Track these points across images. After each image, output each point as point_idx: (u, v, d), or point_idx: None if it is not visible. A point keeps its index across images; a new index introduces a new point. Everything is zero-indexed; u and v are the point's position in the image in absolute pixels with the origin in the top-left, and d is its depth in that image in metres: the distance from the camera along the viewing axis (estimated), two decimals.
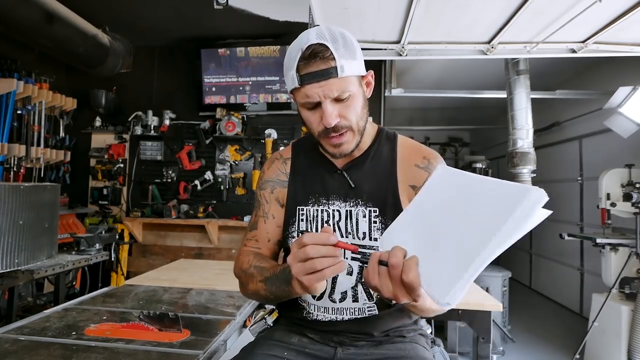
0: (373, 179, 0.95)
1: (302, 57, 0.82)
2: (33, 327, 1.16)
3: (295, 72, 0.84)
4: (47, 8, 2.84)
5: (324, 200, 0.96)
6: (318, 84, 0.82)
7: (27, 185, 1.95)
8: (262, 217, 1.02)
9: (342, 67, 0.82)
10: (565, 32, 2.15)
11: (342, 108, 0.85)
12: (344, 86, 0.83)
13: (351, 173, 0.96)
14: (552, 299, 4.67)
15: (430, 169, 0.93)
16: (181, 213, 3.77)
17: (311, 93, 0.83)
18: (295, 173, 1.02)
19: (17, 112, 3.36)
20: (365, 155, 0.97)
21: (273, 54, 3.73)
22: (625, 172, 2.80)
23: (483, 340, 1.75)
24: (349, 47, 0.84)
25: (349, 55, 0.83)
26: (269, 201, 1.02)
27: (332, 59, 0.81)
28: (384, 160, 0.97)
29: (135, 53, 4.07)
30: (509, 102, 2.99)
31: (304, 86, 0.83)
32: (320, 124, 0.86)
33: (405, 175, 0.94)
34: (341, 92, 0.83)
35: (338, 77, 0.82)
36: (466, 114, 5.99)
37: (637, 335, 2.43)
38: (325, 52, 0.81)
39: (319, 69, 0.81)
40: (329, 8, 2.07)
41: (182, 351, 1.02)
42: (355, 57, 0.85)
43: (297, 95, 0.88)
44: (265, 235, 1.00)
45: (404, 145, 0.99)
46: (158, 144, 3.96)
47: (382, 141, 0.99)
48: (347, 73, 0.82)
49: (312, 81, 0.82)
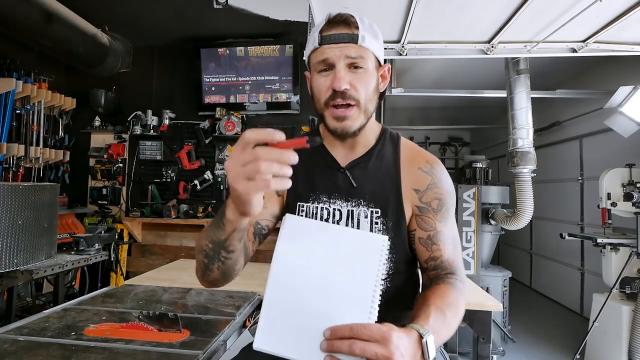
0: (376, 179, 0.94)
1: (327, 20, 0.86)
2: (32, 328, 1.15)
3: (318, 33, 0.86)
4: (47, 8, 2.84)
5: (324, 198, 0.95)
6: (337, 45, 0.84)
7: (26, 185, 1.95)
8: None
9: (364, 37, 0.84)
10: (565, 32, 2.15)
11: (354, 77, 0.85)
12: (361, 53, 0.85)
13: (354, 172, 0.95)
14: (552, 299, 4.66)
15: (433, 174, 0.93)
16: (181, 213, 3.77)
17: (329, 53, 0.85)
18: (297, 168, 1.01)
19: (16, 111, 3.36)
20: (369, 155, 0.96)
21: (273, 54, 3.73)
22: (626, 172, 2.79)
23: (483, 340, 1.75)
24: (374, 28, 0.88)
25: (372, 34, 0.87)
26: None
27: (355, 27, 0.85)
28: (388, 161, 0.96)
29: (135, 53, 4.07)
30: (509, 102, 2.99)
31: (322, 46, 0.85)
32: (329, 89, 0.85)
33: (408, 178, 0.94)
34: (357, 56, 0.84)
35: (357, 44, 0.84)
36: (466, 113, 5.99)
37: (637, 335, 2.43)
38: (351, 19, 0.85)
39: (341, 32, 0.85)
40: (329, 7, 2.05)
41: (181, 351, 1.01)
42: (378, 38, 0.89)
43: (313, 58, 0.89)
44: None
45: (406, 147, 0.99)
46: (157, 144, 3.95)
47: (386, 141, 0.98)
48: (367, 45, 0.85)
49: (331, 42, 0.84)
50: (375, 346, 0.60)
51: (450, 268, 0.91)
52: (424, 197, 0.92)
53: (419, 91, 4.04)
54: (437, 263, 0.91)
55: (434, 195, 0.92)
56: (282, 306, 0.68)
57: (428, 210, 0.92)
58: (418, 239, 0.92)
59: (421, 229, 0.92)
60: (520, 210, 2.96)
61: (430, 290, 0.84)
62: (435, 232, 0.91)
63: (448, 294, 0.83)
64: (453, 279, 0.88)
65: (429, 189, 0.92)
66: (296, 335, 0.66)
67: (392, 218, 0.91)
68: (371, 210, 0.92)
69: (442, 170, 0.95)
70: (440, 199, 0.92)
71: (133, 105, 3.99)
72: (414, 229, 0.93)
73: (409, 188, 0.93)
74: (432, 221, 0.91)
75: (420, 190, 0.92)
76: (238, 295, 1.59)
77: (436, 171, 0.93)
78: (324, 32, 0.85)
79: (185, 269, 2.25)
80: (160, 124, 3.91)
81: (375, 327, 0.62)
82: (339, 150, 0.97)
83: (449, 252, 0.91)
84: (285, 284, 0.69)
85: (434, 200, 0.92)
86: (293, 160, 0.60)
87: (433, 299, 0.80)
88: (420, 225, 0.92)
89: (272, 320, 0.68)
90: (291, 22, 3.43)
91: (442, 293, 0.83)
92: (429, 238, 0.91)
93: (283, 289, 0.69)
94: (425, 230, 0.91)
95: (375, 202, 0.92)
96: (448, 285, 0.86)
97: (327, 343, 0.63)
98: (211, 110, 3.85)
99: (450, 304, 0.80)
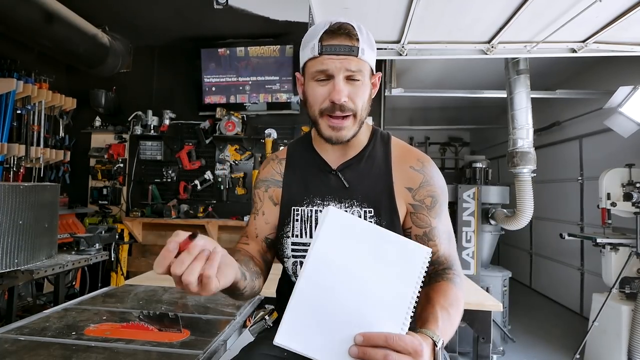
0: (368, 179, 0.95)
1: (329, 29, 0.85)
2: (33, 327, 1.15)
3: (317, 41, 0.85)
4: (47, 8, 2.84)
5: (318, 201, 0.96)
6: (338, 57, 0.84)
7: (26, 185, 1.95)
8: (254, 214, 1.04)
9: (363, 50, 0.85)
10: (565, 32, 2.15)
11: (352, 90, 0.86)
12: (360, 67, 0.86)
13: (346, 174, 0.96)
14: (552, 299, 4.66)
15: (425, 172, 0.95)
16: (181, 213, 3.77)
17: (329, 64, 0.84)
18: (289, 173, 1.03)
19: (16, 111, 3.36)
20: (361, 156, 0.97)
21: (273, 54, 3.73)
22: (626, 172, 2.79)
23: (483, 340, 1.75)
24: (370, 38, 0.89)
25: (370, 45, 0.88)
26: (262, 199, 1.03)
27: (356, 40, 0.85)
28: (379, 161, 0.97)
29: (135, 53, 4.07)
30: (509, 102, 2.99)
31: (322, 56, 0.85)
32: (327, 100, 0.86)
33: (401, 177, 0.95)
34: (357, 69, 0.85)
35: (358, 57, 0.85)
36: (466, 113, 5.99)
37: (637, 335, 2.43)
38: (352, 31, 0.85)
39: (343, 44, 0.84)
40: (329, 8, 2.07)
41: (182, 351, 1.01)
42: (373, 49, 0.90)
43: (310, 66, 0.88)
44: (254, 230, 1.02)
45: (397, 146, 1.00)
46: (158, 144, 3.95)
47: (376, 142, 1.00)
48: (365, 58, 0.86)
49: (332, 53, 0.84)
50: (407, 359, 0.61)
51: (447, 263, 0.93)
52: (417, 195, 0.94)
53: (419, 91, 4.04)
54: (434, 258, 0.92)
55: (426, 192, 0.94)
56: (312, 303, 0.65)
57: (422, 207, 0.94)
58: (414, 237, 0.93)
59: (417, 227, 0.94)
60: (520, 210, 2.96)
61: (432, 288, 0.86)
62: (431, 228, 0.93)
63: (449, 291, 0.85)
64: (451, 274, 0.90)
65: (421, 187, 0.94)
66: (323, 335, 0.64)
67: (385, 217, 0.92)
68: (365, 210, 0.93)
69: (433, 167, 0.97)
70: (433, 196, 0.94)
71: (133, 106, 3.99)
72: (409, 226, 0.95)
73: (401, 187, 0.94)
74: (426, 218, 0.93)
75: (413, 189, 0.94)
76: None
77: (427, 169, 0.95)
78: (325, 42, 0.84)
79: None
80: (160, 124, 3.92)
81: (409, 339, 0.62)
82: (330, 153, 0.98)
83: (444, 247, 0.93)
84: (319, 280, 0.66)
85: (427, 197, 0.94)
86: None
87: (437, 298, 0.82)
88: (415, 223, 0.94)
89: (300, 316, 0.65)
90: (291, 23, 3.43)
91: (444, 291, 0.85)
92: (425, 234, 0.93)
93: (316, 286, 0.66)
94: (421, 228, 0.93)
95: (369, 202, 0.93)
96: (448, 282, 0.88)
97: (358, 349, 0.62)
98: (211, 110, 3.85)
99: (452, 302, 0.82)
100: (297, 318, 0.64)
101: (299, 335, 0.63)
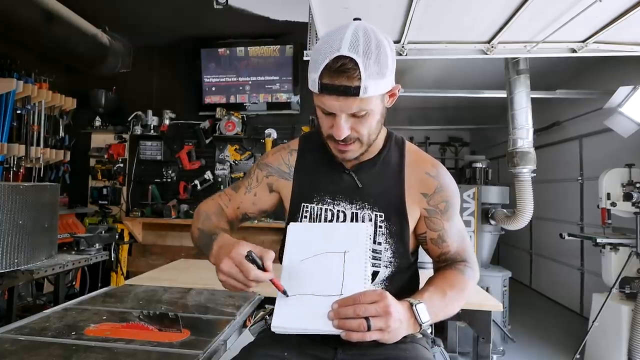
0: (381, 183, 0.96)
1: (328, 65, 0.78)
2: (33, 327, 1.15)
3: (318, 78, 0.80)
4: (47, 8, 2.84)
5: (329, 200, 0.97)
6: (336, 99, 0.80)
7: (26, 185, 1.95)
8: (245, 188, 1.07)
9: (366, 89, 0.78)
10: (565, 32, 2.14)
11: (356, 122, 0.85)
12: (363, 105, 0.81)
13: (360, 175, 0.97)
14: (552, 298, 4.66)
15: (439, 178, 0.97)
16: (181, 213, 3.77)
17: (329, 104, 0.82)
18: (301, 168, 1.03)
19: (16, 111, 3.36)
20: (375, 159, 0.98)
21: (273, 54, 3.73)
22: (626, 172, 2.79)
23: (483, 340, 1.75)
24: (381, 63, 0.79)
25: (378, 74, 0.79)
26: (259, 181, 1.06)
27: (357, 79, 0.77)
28: (393, 165, 0.98)
29: (135, 53, 4.07)
30: (509, 102, 2.98)
31: (322, 94, 0.82)
32: (330, 130, 0.87)
33: (415, 182, 0.96)
34: (359, 110, 0.82)
35: (359, 97, 0.79)
36: (466, 113, 5.99)
37: (637, 335, 2.43)
38: (353, 72, 0.77)
39: (342, 85, 0.78)
40: (329, 8, 2.06)
41: (182, 351, 1.01)
42: (385, 75, 0.81)
43: (315, 98, 0.86)
44: (238, 202, 1.07)
45: (410, 151, 1.01)
46: (158, 144, 3.95)
47: (391, 146, 1.00)
48: (370, 94, 0.79)
49: (332, 93, 0.80)
50: (374, 305, 0.72)
51: (460, 257, 0.97)
52: (432, 201, 0.96)
53: (419, 91, 4.03)
54: (447, 257, 0.98)
55: (441, 198, 0.96)
56: (294, 290, 0.82)
57: (436, 212, 0.96)
58: (430, 240, 0.97)
59: (431, 230, 0.97)
60: (520, 210, 2.96)
61: (435, 274, 0.92)
62: (444, 230, 0.97)
63: (452, 276, 0.91)
64: (461, 265, 0.95)
65: (436, 193, 0.96)
66: (308, 312, 0.79)
67: (395, 222, 0.94)
68: (375, 213, 0.94)
69: (446, 172, 0.99)
70: (447, 201, 0.96)
71: (133, 105, 3.99)
72: (424, 231, 0.98)
73: (417, 192, 0.96)
74: (440, 222, 0.96)
75: (428, 194, 0.96)
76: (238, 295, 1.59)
77: (441, 175, 0.97)
78: (324, 79, 0.79)
79: (185, 269, 2.25)
80: (160, 124, 3.92)
81: (371, 291, 0.76)
82: None
83: (457, 245, 0.97)
84: (294, 274, 0.84)
85: (441, 203, 0.96)
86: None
87: (435, 280, 0.89)
88: (429, 227, 0.97)
89: (286, 304, 0.81)
90: (291, 23, 3.43)
91: (445, 275, 0.91)
92: (439, 237, 0.97)
93: (294, 279, 0.83)
94: (435, 231, 0.97)
95: (380, 206, 0.95)
96: (454, 270, 0.93)
97: (334, 312, 0.74)
98: (211, 110, 3.85)
99: (452, 284, 0.88)
100: (285, 305, 0.81)
101: (290, 318, 0.79)
